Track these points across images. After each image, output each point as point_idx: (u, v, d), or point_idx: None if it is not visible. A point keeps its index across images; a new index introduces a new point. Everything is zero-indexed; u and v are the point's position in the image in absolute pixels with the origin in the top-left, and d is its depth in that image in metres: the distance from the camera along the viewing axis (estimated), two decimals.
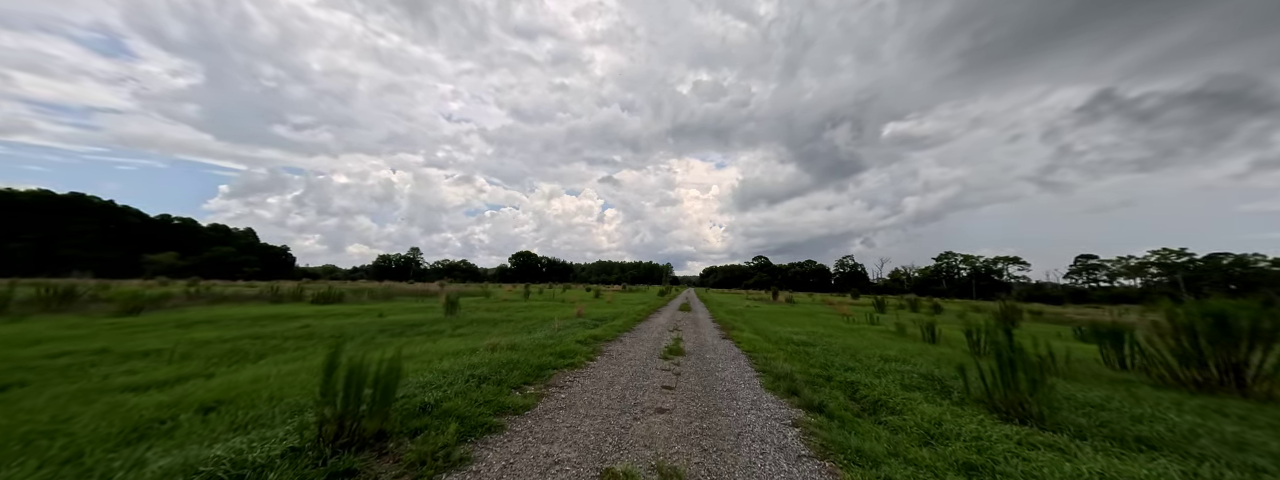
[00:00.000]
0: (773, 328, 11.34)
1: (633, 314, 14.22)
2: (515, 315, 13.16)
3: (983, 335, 7.50)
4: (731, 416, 3.80)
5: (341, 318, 10.67)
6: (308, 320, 9.69)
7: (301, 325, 8.62)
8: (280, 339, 7.16)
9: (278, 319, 10.13)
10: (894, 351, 7.10)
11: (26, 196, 79.93)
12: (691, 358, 6.72)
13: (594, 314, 13.86)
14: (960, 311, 22.82)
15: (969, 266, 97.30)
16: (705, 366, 6.06)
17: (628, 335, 9.11)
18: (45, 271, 64.14)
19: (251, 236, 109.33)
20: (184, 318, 10.30)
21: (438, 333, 8.47)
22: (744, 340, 8.64)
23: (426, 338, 7.73)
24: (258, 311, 12.09)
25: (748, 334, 9.65)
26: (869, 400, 4.37)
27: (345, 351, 2.77)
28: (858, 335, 9.86)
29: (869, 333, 10.72)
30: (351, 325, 8.87)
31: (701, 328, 11.40)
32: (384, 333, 8.07)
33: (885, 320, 13.58)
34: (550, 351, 5.96)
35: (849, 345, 7.87)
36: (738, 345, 8.18)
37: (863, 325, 13.40)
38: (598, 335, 8.22)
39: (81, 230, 79.10)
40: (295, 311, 12.31)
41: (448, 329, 8.95)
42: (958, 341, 9.22)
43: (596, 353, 6.67)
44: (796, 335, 9.26)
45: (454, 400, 3.46)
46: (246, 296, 17.94)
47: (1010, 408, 3.84)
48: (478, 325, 9.81)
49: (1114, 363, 6.46)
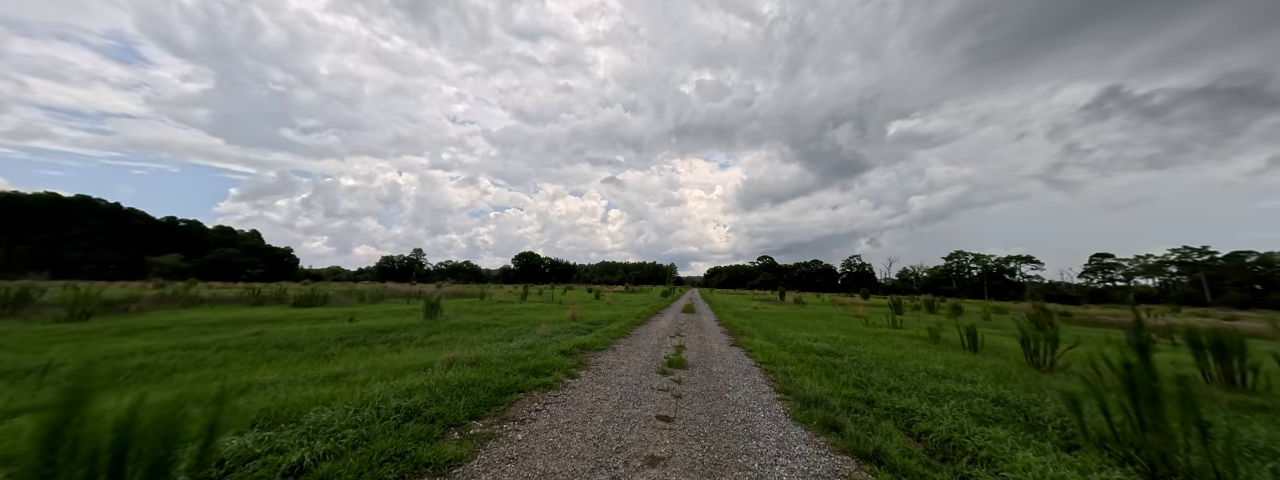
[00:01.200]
0: (786, 332, 10.18)
1: (631, 317, 13.11)
2: (504, 319, 12.09)
3: (1042, 344, 6.31)
4: (753, 471, 2.68)
5: (306, 323, 9.66)
6: (266, 326, 8.68)
7: (252, 333, 7.60)
8: (214, 350, 6.14)
9: (233, 325, 9.14)
10: (939, 364, 5.93)
11: (34, 199, 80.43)
12: (696, 372, 5.59)
13: (589, 317, 12.76)
14: (984, 313, 21.46)
15: (980, 266, 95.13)
16: (712, 384, 4.93)
17: (622, 343, 8.00)
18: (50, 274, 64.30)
19: (256, 238, 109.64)
20: (134, 323, 9.34)
21: (405, 341, 7.41)
22: (756, 348, 7.49)
23: (387, 348, 6.67)
24: (220, 316, 11.12)
25: (759, 341, 8.50)
26: (935, 439, 3.23)
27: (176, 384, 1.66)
28: (886, 342, 8.67)
29: (896, 338, 9.54)
30: (310, 332, 7.85)
31: (706, 333, 10.27)
32: (342, 341, 7.03)
33: (906, 323, 12.38)
34: (522, 367, 4.86)
35: (881, 356, 6.71)
36: (749, 355, 7.04)
37: (885, 329, 12.19)
38: (587, 344, 7.11)
39: (88, 233, 79.41)
40: (263, 315, 11.33)
41: (419, 336, 7.90)
42: (1005, 350, 8.01)
43: (581, 366, 5.57)
44: (816, 342, 8.10)
45: (348, 456, 2.37)
46: (226, 299, 17.04)
47: (1153, 459, 2.68)
48: (455, 331, 8.75)
49: (1219, 379, 5.25)
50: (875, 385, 4.78)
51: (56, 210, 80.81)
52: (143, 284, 37.57)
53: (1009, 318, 20.20)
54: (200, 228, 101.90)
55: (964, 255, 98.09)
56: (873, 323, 13.61)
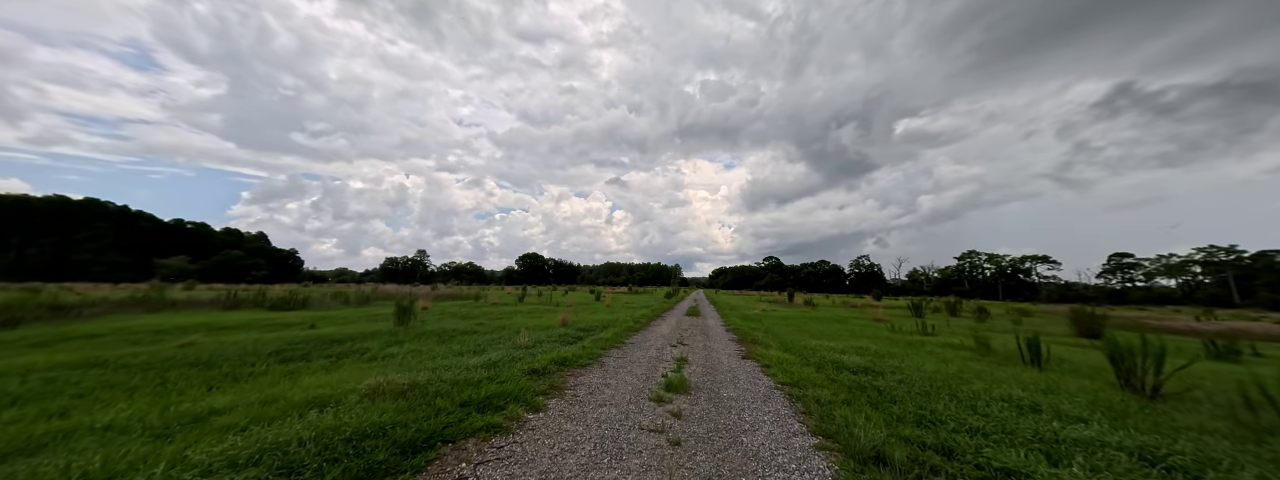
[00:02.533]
0: (805, 341, 8.88)
1: (629, 322, 11.87)
2: (487, 324, 10.92)
3: (1143, 361, 4.97)
4: None
5: (257, 331, 8.55)
6: (202, 337, 7.56)
7: (181, 345, 6.49)
8: (112, 368, 5.02)
9: (178, 332, 8.05)
10: (1013, 388, 4.64)
11: (43, 202, 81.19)
12: (700, 398, 4.35)
13: (583, 321, 11.55)
14: (1014, 317, 19.93)
15: (994, 266, 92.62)
16: (723, 419, 3.69)
17: (614, 355, 6.77)
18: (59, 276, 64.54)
19: (263, 240, 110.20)
20: (69, 332, 8.29)
21: (355, 354, 6.25)
22: (773, 362, 6.23)
23: (325, 365, 5.50)
24: (176, 322, 10.06)
25: (775, 351, 7.22)
26: None
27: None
28: (926, 354, 7.36)
29: (935, 349, 8.20)
30: (250, 343, 6.72)
31: (713, 340, 9.02)
32: (276, 356, 5.88)
33: (935, 328, 11.03)
34: (469, 397, 3.65)
35: (930, 373, 5.42)
36: (765, 371, 5.78)
37: (913, 336, 10.84)
38: (569, 358, 5.89)
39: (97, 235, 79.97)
40: (222, 321, 10.25)
41: (375, 348, 6.73)
42: (1075, 365, 6.66)
43: (553, 392, 4.34)
44: (844, 355, 6.81)
45: None
46: (200, 302, 16.06)
47: None
48: (421, 341, 7.58)
49: None
50: (946, 423, 3.50)
51: (65, 213, 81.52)
52: (133, 287, 37.15)
53: (1039, 320, 18.68)
54: (207, 230, 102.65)
55: (976, 255, 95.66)
56: (898, 328, 12.25)
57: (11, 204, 76.95)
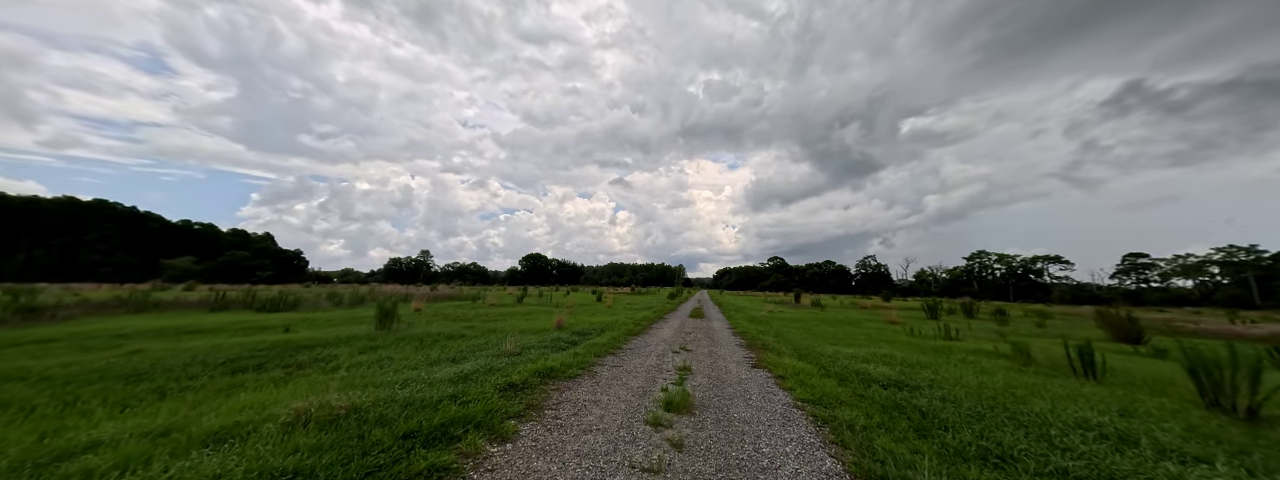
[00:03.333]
0: (820, 346, 8.11)
1: (629, 324, 11.15)
2: (479, 327, 10.23)
3: (1233, 374, 4.17)
4: None
5: (222, 336, 7.92)
6: (156, 342, 6.93)
7: (127, 353, 5.84)
8: (33, 383, 4.37)
9: (129, 338, 7.43)
10: (1084, 409, 3.86)
11: (53, 203, 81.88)
12: (706, 421, 3.62)
13: (580, 324, 10.85)
14: (1037, 319, 18.96)
15: (1005, 266, 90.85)
16: (736, 453, 2.95)
17: (609, 363, 6.05)
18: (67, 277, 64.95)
19: (269, 241, 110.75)
20: (23, 336, 7.70)
21: (318, 363, 5.57)
22: (788, 373, 5.48)
23: (279, 378, 4.81)
24: (150, 325, 9.46)
25: (790, 360, 6.47)
26: None
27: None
28: (960, 363, 6.57)
29: (967, 357, 7.40)
30: (208, 349, 6.07)
31: (719, 345, 8.27)
32: (227, 366, 5.21)
33: (960, 331, 10.19)
34: (419, 425, 2.94)
35: (974, 388, 4.64)
36: (781, 383, 5.04)
37: (935, 340, 10.01)
38: (557, 368, 5.18)
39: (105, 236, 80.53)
40: (197, 324, 9.65)
41: (344, 356, 6.05)
42: (1132, 377, 5.85)
43: (529, 414, 3.63)
44: (867, 363, 6.04)
45: None
46: (188, 303, 15.53)
47: None
48: (398, 347, 6.90)
49: None
50: (1021, 460, 2.74)
51: (75, 214, 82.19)
52: (129, 287, 37.09)
53: (1064, 323, 17.72)
54: (214, 231, 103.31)
55: (986, 255, 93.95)
56: (918, 332, 11.42)
57: (22, 205, 77.63)
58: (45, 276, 62.90)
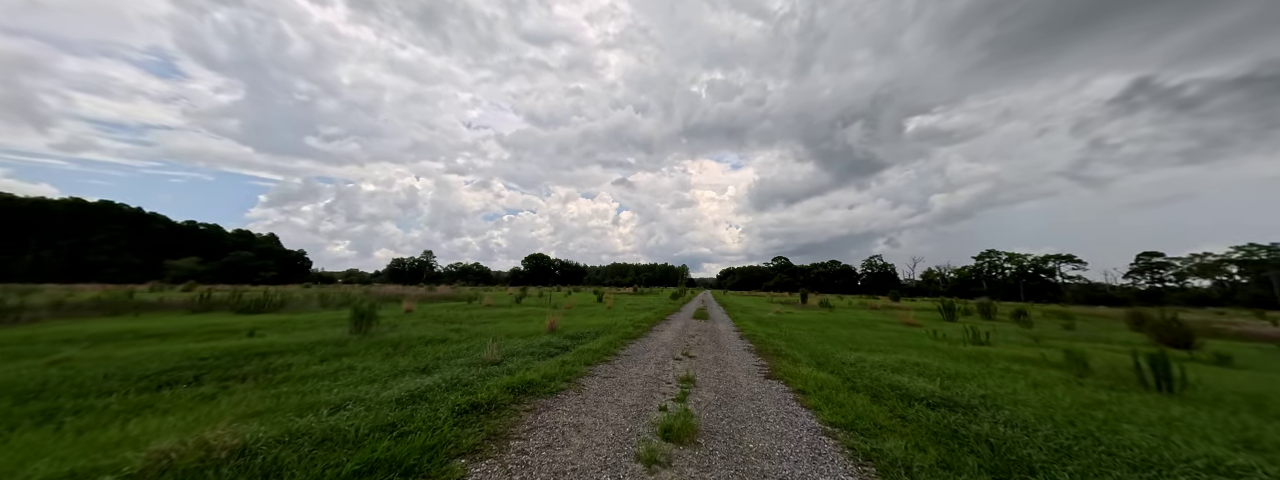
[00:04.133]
0: (838, 352, 7.28)
1: (628, 326, 10.36)
2: (467, 330, 9.49)
3: None
4: None
5: (182, 340, 7.23)
6: (95, 349, 6.23)
7: (51, 361, 5.14)
8: None
9: (75, 343, 6.74)
10: (1197, 441, 3.02)
11: (60, 204, 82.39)
12: (714, 455, 2.82)
13: (576, 327, 10.07)
14: (1057, 321, 17.94)
15: (1015, 265, 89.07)
16: None
17: (602, 372, 5.27)
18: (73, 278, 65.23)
19: (273, 242, 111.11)
20: None
21: (273, 373, 4.84)
22: (809, 386, 4.67)
23: (208, 394, 4.07)
24: (119, 327, 8.80)
25: (807, 369, 5.66)
26: None
27: None
28: (1001, 372, 5.72)
29: (1004, 363, 6.55)
30: (147, 357, 5.37)
31: (726, 351, 7.46)
32: (154, 378, 4.49)
33: (989, 335, 9.30)
34: (338, 464, 2.19)
35: (1040, 408, 3.82)
36: (802, 401, 4.23)
37: (963, 345, 9.14)
38: (538, 380, 4.40)
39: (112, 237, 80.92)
40: (169, 327, 8.97)
41: (299, 365, 5.31)
42: (1203, 387, 4.98)
43: (490, 444, 2.84)
44: (899, 373, 5.21)
45: None
46: (172, 305, 14.93)
47: None
48: (370, 354, 6.15)
49: None
50: None
51: (82, 215, 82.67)
52: (117, 288, 36.91)
53: (1092, 325, 16.71)
54: (219, 231, 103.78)
55: (996, 254, 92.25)
56: (943, 336, 10.53)
57: (30, 206, 78.19)
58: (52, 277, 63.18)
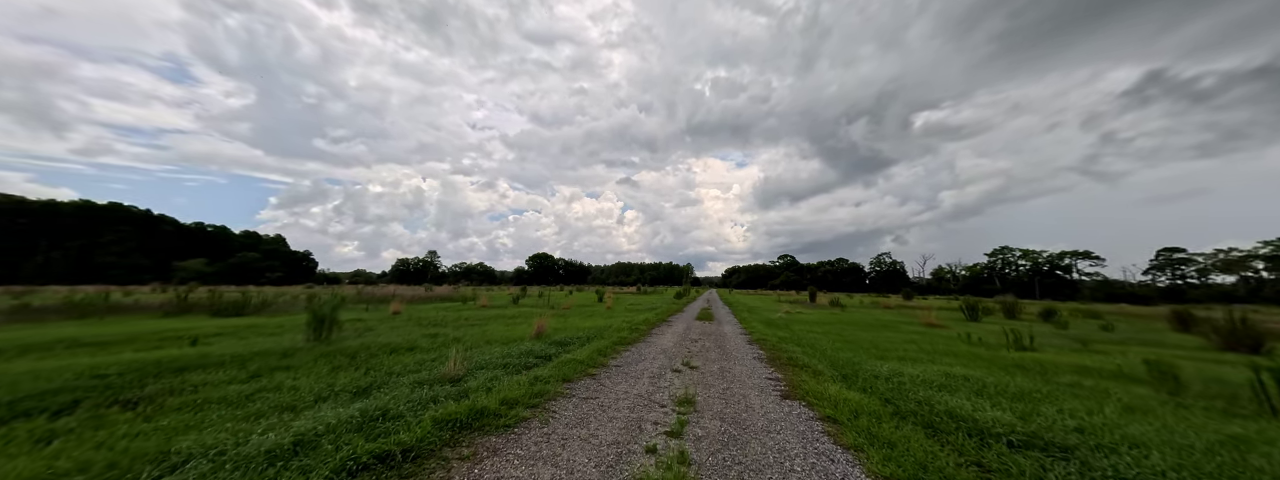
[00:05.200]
0: (864, 361, 6.24)
1: (624, 329, 9.37)
2: (445, 335, 8.58)
3: None
4: None
5: (112, 350, 6.37)
6: None
7: None
8: None
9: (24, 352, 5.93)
10: None
11: (69, 206, 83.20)
12: None
13: (567, 330, 9.12)
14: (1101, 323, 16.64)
15: (1030, 262, 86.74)
16: None
17: (582, 390, 4.29)
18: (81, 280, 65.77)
19: (280, 243, 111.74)
20: None
21: (184, 393, 3.93)
22: (839, 409, 3.66)
23: (64, 428, 3.17)
24: (23, 338, 8.00)
25: (834, 386, 4.64)
26: None
27: None
28: (1068, 387, 4.66)
29: (1070, 375, 5.48)
30: (51, 371, 4.50)
31: (733, 360, 6.45)
32: (14, 407, 3.61)
33: (1031, 337, 8.21)
34: None
35: (1170, 451, 2.78)
36: (837, 436, 3.21)
37: (1003, 350, 8.04)
38: (493, 408, 3.44)
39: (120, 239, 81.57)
40: (119, 332, 8.16)
41: (213, 383, 4.40)
42: None
43: None
44: (948, 391, 4.18)
45: None
46: (148, 307, 14.21)
47: None
48: (318, 366, 5.24)
49: None
50: None
51: (91, 217, 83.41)
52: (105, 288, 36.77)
53: (1130, 325, 15.44)
54: (227, 233, 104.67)
55: (1010, 251, 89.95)
56: (977, 340, 9.41)
57: (40, 208, 79.00)
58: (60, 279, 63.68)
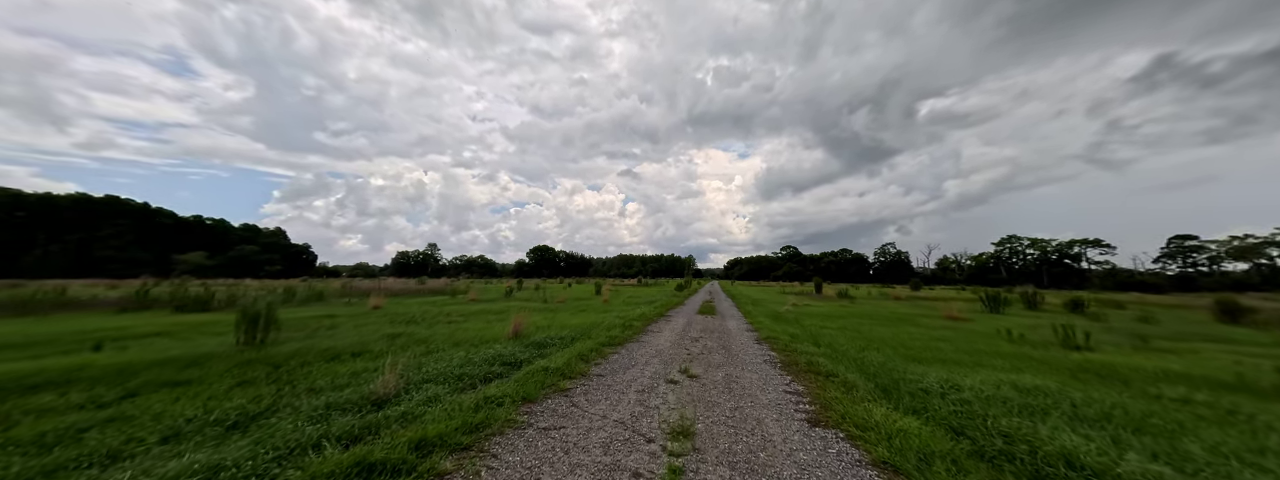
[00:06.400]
0: (903, 368, 5.13)
1: (616, 327, 8.27)
2: (417, 333, 7.52)
3: None
4: None
5: (9, 354, 5.36)
6: None
7: None
8: None
9: None
10: None
11: (66, 200, 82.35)
12: None
13: (551, 327, 8.04)
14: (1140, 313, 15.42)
15: (1038, 251, 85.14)
16: None
17: (540, 417, 3.19)
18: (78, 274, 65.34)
19: (280, 236, 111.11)
20: None
21: None
22: (899, 451, 2.54)
23: None
24: None
25: (878, 408, 3.53)
26: None
27: None
28: (1176, 402, 3.56)
29: (1155, 382, 4.37)
30: None
31: (740, 366, 5.35)
32: None
33: (1070, 333, 7.09)
34: None
35: None
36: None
37: (1051, 349, 6.93)
38: (391, 461, 2.37)
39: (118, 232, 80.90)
40: (36, 333, 7.16)
41: (53, 408, 3.36)
42: None
43: None
44: (1029, 416, 3.07)
45: None
46: (107, 302, 13.23)
47: None
48: (213, 385, 4.20)
49: None
50: None
51: (88, 210, 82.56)
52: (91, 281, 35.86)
53: (1173, 316, 14.29)
54: (226, 226, 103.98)
55: (1018, 240, 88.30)
56: (1021, 338, 8.26)
57: (37, 202, 78.22)
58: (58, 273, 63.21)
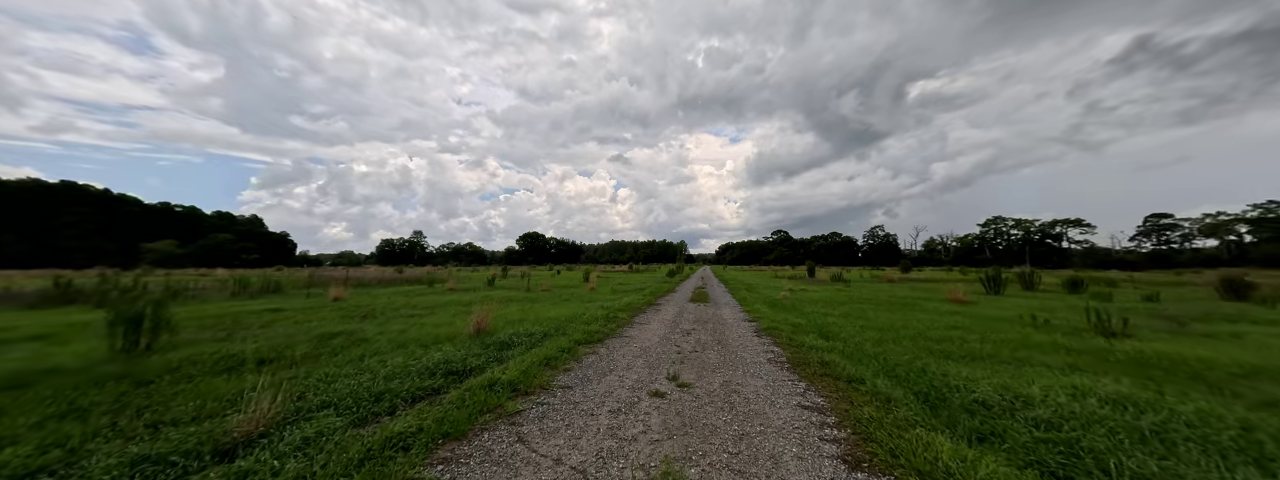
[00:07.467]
0: (937, 366, 4.24)
1: (598, 319, 7.26)
2: (361, 332, 6.41)
3: None
4: None
5: None
6: None
7: None
8: None
9: None
10: None
11: (15, 185, 76.99)
12: None
13: (524, 321, 7.00)
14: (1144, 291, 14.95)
15: (1022, 231, 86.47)
16: None
17: (469, 463, 2.20)
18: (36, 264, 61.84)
19: (257, 223, 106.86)
20: None
21: None
22: None
23: None
24: None
25: (942, 440, 2.59)
26: None
27: None
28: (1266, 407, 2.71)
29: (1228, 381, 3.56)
30: None
31: (741, 365, 4.39)
32: None
33: (1103, 318, 6.37)
34: None
35: None
36: None
37: (1085, 335, 6.16)
38: None
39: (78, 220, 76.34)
40: None
41: None
42: None
43: None
44: (1177, 458, 2.18)
45: None
46: (23, 295, 11.75)
47: None
48: (29, 412, 3.09)
49: None
50: None
51: (44, 197, 77.42)
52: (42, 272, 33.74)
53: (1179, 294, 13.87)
54: (197, 213, 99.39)
55: (1003, 221, 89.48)
56: (1048, 324, 7.49)
57: None
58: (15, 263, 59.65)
